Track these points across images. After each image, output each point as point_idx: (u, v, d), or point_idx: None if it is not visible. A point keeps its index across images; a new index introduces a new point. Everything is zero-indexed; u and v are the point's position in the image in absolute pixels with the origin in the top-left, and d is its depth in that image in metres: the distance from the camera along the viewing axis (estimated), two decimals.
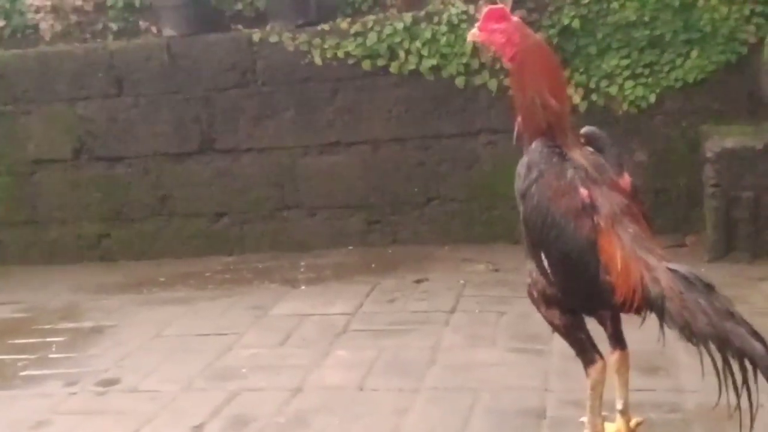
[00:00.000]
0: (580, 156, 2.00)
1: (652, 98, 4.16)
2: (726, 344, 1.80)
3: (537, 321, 2.27)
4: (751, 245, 3.68)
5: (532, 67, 2.05)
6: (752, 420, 1.80)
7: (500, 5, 2.17)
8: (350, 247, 4.60)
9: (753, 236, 3.67)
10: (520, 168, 2.04)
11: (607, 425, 2.24)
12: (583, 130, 2.11)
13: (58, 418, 2.78)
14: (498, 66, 4.14)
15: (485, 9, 2.12)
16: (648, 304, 1.92)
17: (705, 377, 2.47)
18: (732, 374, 1.82)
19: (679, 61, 4.12)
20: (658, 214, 4.12)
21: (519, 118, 2.09)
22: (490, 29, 2.08)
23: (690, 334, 1.85)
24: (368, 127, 4.50)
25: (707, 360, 1.84)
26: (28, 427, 2.73)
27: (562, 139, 2.01)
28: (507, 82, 3.55)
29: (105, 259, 4.87)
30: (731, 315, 1.83)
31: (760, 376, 1.78)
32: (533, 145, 2.00)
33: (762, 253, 3.68)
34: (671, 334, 1.96)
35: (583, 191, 1.95)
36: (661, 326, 1.93)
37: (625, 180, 2.02)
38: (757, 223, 3.67)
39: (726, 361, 1.82)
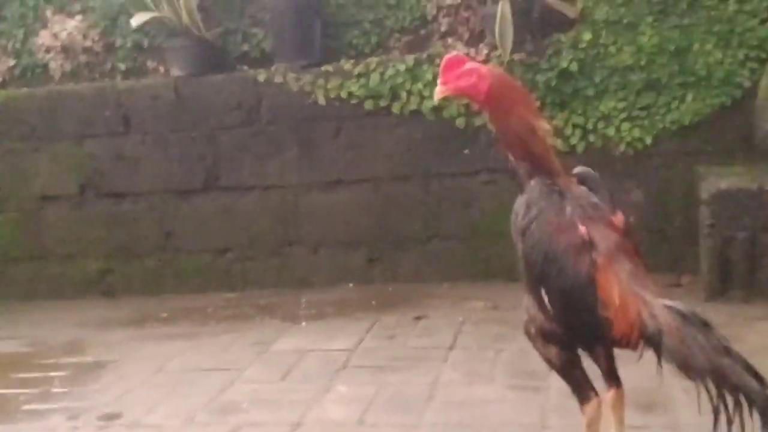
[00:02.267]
0: (577, 193, 2.06)
1: (649, 140, 4.24)
2: (723, 380, 1.84)
3: (535, 358, 2.29)
4: (746, 285, 3.71)
5: (508, 95, 2.09)
6: None
7: (455, 52, 2.21)
8: (351, 284, 4.65)
9: (748, 276, 3.70)
10: (519, 206, 2.08)
11: None
12: (576, 170, 2.16)
13: None
14: None
15: (443, 62, 2.12)
16: (646, 339, 1.95)
17: (701, 414, 2.51)
18: (727, 410, 1.84)
19: (675, 104, 4.21)
20: (654, 254, 4.17)
21: (510, 155, 2.12)
22: (456, 76, 2.09)
23: (687, 369, 1.88)
24: (370, 165, 4.58)
25: (704, 396, 1.87)
26: None
27: (552, 169, 2.06)
28: None
29: (108, 295, 4.92)
30: (728, 351, 1.86)
31: (755, 413, 1.81)
32: (531, 183, 2.05)
33: (757, 293, 3.70)
34: (668, 371, 2.00)
35: (582, 228, 2.00)
36: (659, 361, 1.96)
37: (618, 218, 2.08)
38: (753, 263, 3.70)
39: (722, 397, 1.85)
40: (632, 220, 2.12)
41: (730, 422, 1.84)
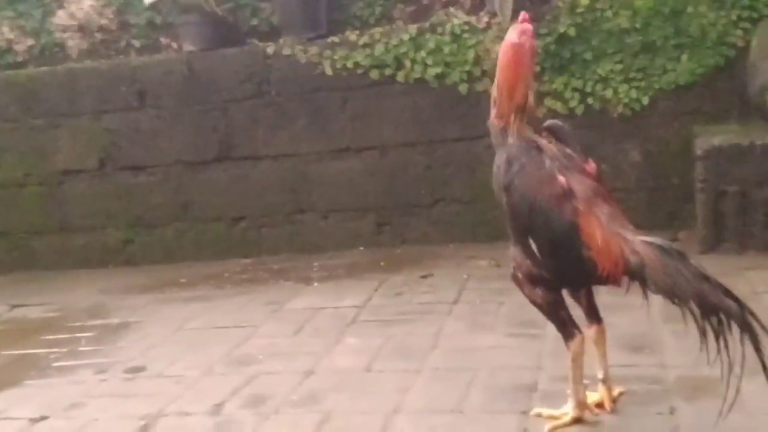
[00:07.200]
0: (552, 147, 2.22)
1: (646, 101, 4.37)
2: (705, 302, 2.01)
3: (534, 309, 2.41)
4: (738, 237, 3.85)
5: (499, 63, 2.27)
6: (729, 369, 1.98)
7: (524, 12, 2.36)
8: (361, 248, 4.83)
9: (740, 229, 3.84)
10: (500, 163, 2.23)
11: (591, 394, 2.44)
12: (547, 123, 2.31)
13: (91, 401, 3.01)
14: None
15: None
16: (630, 274, 2.10)
17: (687, 353, 2.66)
18: (712, 327, 2.01)
19: (670, 65, 4.33)
20: (653, 211, 4.34)
21: (492, 111, 2.28)
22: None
23: (672, 295, 2.05)
24: (377, 133, 4.74)
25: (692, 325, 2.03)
26: (62, 409, 2.95)
27: (524, 128, 2.21)
28: None
29: (129, 264, 5.14)
30: (706, 277, 2.03)
31: (734, 328, 1.99)
32: (510, 140, 2.22)
33: (749, 245, 3.84)
34: (657, 317, 2.10)
35: (561, 178, 2.16)
36: (644, 293, 2.12)
37: (591, 165, 2.23)
38: (745, 216, 3.83)
39: (705, 318, 2.02)
40: (603, 167, 2.27)
41: (717, 338, 2.00)
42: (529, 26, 2.26)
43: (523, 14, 2.30)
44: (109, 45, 5.20)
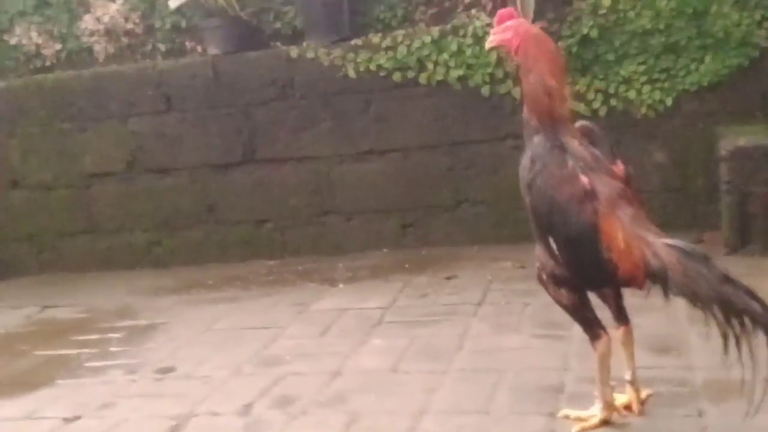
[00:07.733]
0: (578, 147, 2.23)
1: (669, 102, 4.36)
2: (728, 306, 1.99)
3: (560, 310, 2.42)
4: (764, 239, 3.84)
5: (534, 53, 2.24)
6: (754, 373, 1.97)
7: (508, 8, 2.40)
8: (385, 250, 4.86)
9: (766, 230, 3.83)
10: (525, 161, 2.26)
11: (619, 396, 2.45)
12: (577, 124, 2.33)
13: (121, 401, 3.07)
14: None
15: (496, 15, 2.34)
16: (652, 277, 2.10)
17: (714, 355, 2.67)
18: (735, 332, 2.00)
19: (694, 66, 4.32)
20: (677, 212, 4.35)
21: (524, 108, 2.29)
22: (501, 29, 2.30)
23: (694, 299, 2.04)
24: (400, 135, 4.77)
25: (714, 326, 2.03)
26: (94, 409, 3.02)
27: (562, 125, 2.22)
28: None
29: (156, 266, 5.19)
30: (729, 280, 2.02)
31: (760, 333, 1.97)
32: (535, 139, 2.23)
33: None
34: (683, 318, 2.07)
35: (584, 178, 2.16)
36: (666, 296, 2.11)
37: (619, 167, 2.24)
38: None
39: (729, 321, 2.00)
40: (631, 170, 2.28)
41: (738, 343, 2.00)
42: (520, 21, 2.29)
43: (502, 12, 2.31)
44: (135, 49, 5.26)
